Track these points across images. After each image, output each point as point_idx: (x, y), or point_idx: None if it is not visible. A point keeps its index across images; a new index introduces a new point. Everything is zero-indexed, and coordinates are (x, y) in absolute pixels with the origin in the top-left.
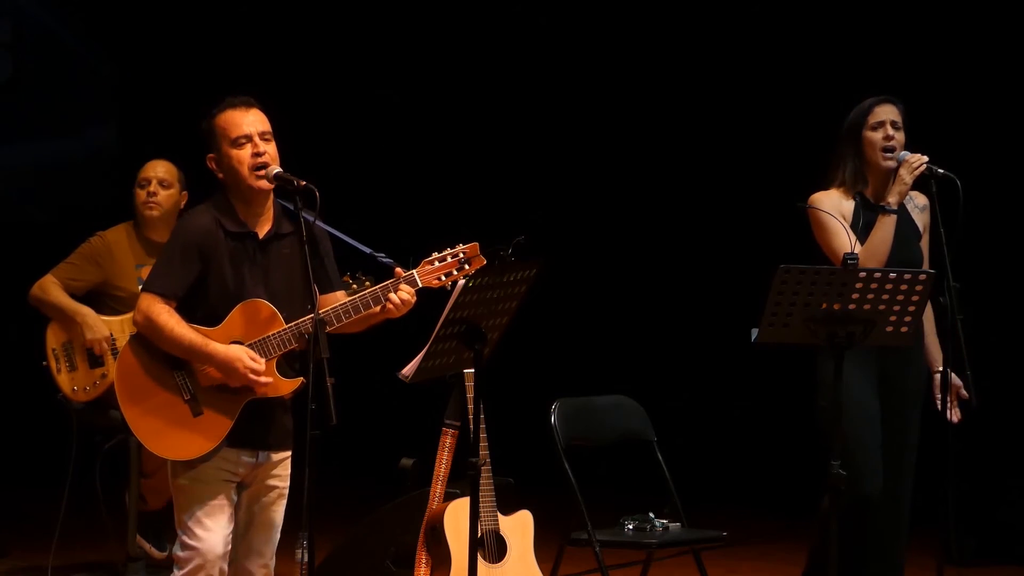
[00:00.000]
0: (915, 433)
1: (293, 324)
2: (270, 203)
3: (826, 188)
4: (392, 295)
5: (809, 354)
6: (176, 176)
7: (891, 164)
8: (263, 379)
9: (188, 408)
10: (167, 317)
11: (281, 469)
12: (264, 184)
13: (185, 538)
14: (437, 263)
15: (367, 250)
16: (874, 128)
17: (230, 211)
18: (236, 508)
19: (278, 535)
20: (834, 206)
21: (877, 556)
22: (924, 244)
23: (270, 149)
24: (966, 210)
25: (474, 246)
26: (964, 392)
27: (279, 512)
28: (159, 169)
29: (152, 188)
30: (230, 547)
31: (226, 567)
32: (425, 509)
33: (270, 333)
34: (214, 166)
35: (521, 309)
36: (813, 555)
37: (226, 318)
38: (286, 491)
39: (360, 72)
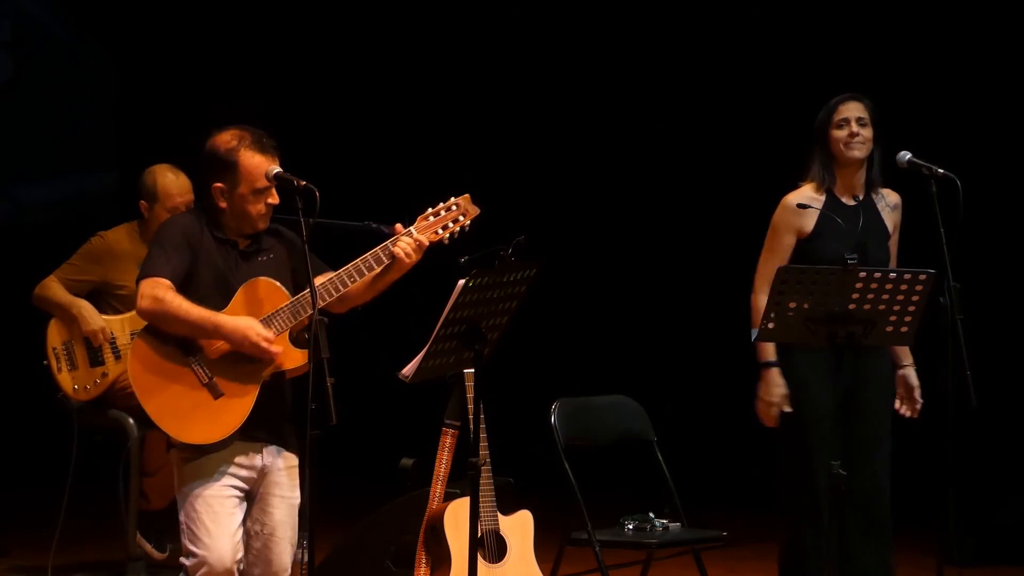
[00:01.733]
0: (887, 422)
1: (300, 295)
2: None
3: (799, 185)
4: (396, 247)
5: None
6: (190, 187)
7: (856, 153)
8: (274, 347)
9: (208, 392)
10: (172, 295)
11: (290, 478)
12: (266, 225)
13: (191, 546)
14: (432, 218)
15: (357, 224)
16: (839, 126)
17: (216, 223)
18: (248, 521)
19: (294, 548)
20: (808, 201)
21: (863, 548)
22: (893, 244)
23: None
24: (966, 210)
25: (466, 197)
26: (918, 396)
27: (292, 523)
28: (184, 192)
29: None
30: (241, 554)
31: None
32: (425, 509)
33: (278, 308)
34: (218, 195)
35: (521, 309)
36: (784, 550)
37: (232, 300)
38: (297, 501)
39: (358, 72)
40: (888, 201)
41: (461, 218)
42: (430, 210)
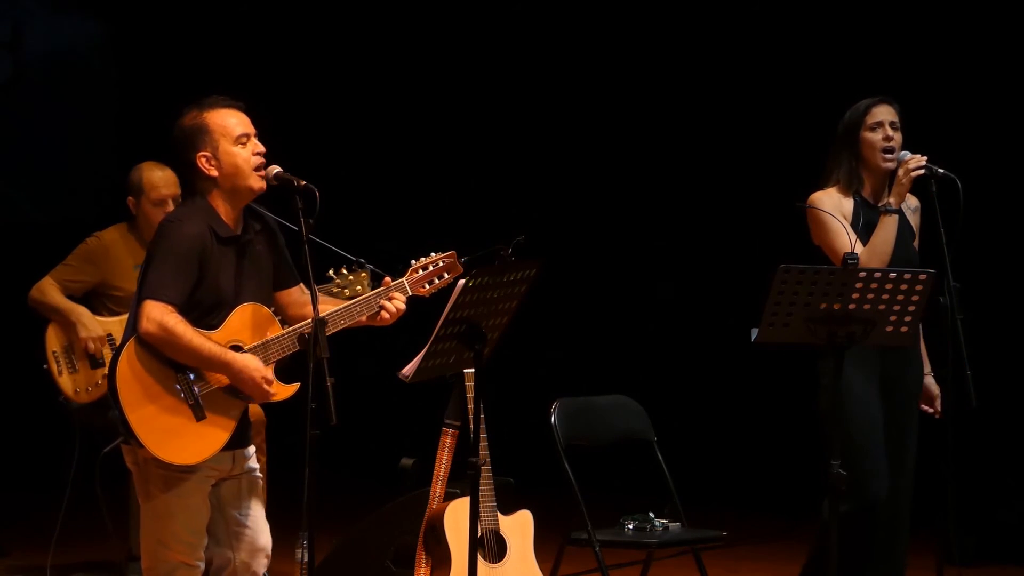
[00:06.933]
0: (915, 433)
1: (291, 329)
2: None
3: (823, 188)
4: (387, 303)
5: (809, 355)
6: (176, 180)
7: (890, 165)
8: (272, 389)
9: (191, 412)
10: (184, 328)
11: (252, 462)
12: (263, 185)
13: (167, 552)
14: (421, 271)
15: (352, 258)
16: (872, 129)
17: (216, 216)
18: (219, 507)
19: (266, 521)
20: (835, 206)
21: (879, 556)
22: (916, 245)
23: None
24: (966, 210)
25: (452, 254)
26: (938, 405)
27: (262, 496)
28: (170, 185)
29: (168, 208)
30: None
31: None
32: (425, 509)
33: (270, 337)
34: (205, 164)
35: (521, 309)
36: (813, 556)
37: (224, 321)
38: (260, 474)
39: (360, 73)
40: (909, 204)
41: (446, 275)
42: (423, 260)
